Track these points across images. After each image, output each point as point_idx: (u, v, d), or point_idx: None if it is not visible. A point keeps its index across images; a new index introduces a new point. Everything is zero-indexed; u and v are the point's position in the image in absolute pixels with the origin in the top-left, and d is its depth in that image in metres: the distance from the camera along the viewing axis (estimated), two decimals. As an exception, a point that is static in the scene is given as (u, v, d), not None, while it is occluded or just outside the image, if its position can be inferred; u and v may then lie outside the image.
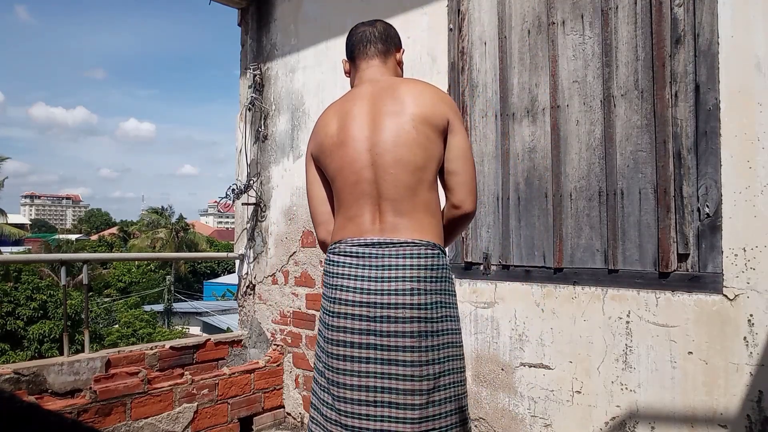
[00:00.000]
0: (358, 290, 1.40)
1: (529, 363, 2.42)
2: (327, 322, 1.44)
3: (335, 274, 1.45)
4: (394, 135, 1.44)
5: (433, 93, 1.51)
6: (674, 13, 2.09)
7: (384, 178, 1.43)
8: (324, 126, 1.57)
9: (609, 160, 2.25)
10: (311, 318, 3.35)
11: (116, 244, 37.23)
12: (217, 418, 3.17)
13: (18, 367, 2.59)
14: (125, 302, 23.26)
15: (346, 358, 1.39)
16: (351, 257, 1.43)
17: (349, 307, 1.40)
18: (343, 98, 1.61)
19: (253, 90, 3.69)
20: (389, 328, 1.36)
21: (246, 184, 3.69)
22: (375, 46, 1.64)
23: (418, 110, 1.45)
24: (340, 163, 1.49)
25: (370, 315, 1.37)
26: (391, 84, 1.54)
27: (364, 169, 1.45)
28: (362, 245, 1.43)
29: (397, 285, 1.38)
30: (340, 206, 1.51)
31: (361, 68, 1.65)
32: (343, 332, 1.40)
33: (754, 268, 1.90)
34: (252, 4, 3.79)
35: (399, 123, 1.45)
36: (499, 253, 2.56)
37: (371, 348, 1.37)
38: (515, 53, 2.54)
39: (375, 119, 1.47)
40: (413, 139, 1.43)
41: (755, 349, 1.89)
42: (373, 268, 1.40)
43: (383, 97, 1.50)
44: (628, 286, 2.18)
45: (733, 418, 1.93)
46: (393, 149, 1.43)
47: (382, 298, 1.37)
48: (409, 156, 1.43)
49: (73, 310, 14.10)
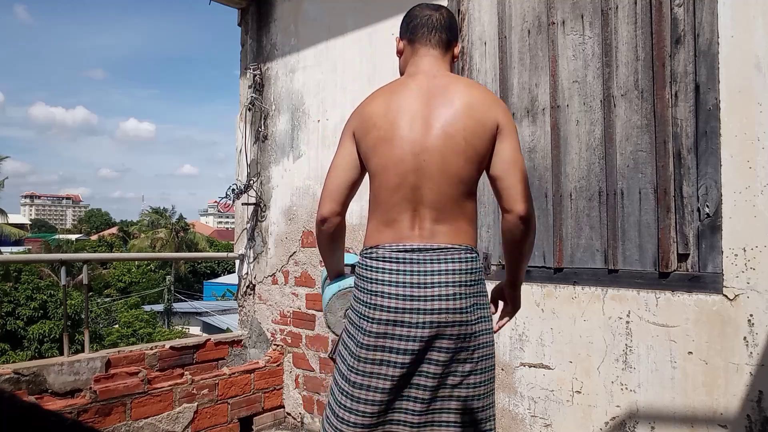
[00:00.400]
0: (400, 297, 1.39)
1: (529, 363, 2.42)
2: (364, 327, 1.42)
3: (374, 280, 1.43)
4: (443, 144, 1.41)
5: (485, 98, 1.48)
6: (674, 13, 2.09)
7: (428, 187, 1.42)
8: (372, 113, 1.50)
9: (609, 160, 2.25)
10: (311, 318, 3.35)
11: (116, 244, 37.24)
12: (217, 418, 3.17)
13: (18, 367, 2.59)
14: (125, 302, 23.26)
15: (383, 362, 1.38)
16: (392, 263, 1.41)
17: (391, 313, 1.39)
18: (396, 85, 1.54)
19: (253, 90, 3.69)
20: (431, 333, 1.37)
21: (246, 184, 3.69)
22: (439, 35, 1.57)
23: (470, 121, 1.42)
24: (384, 161, 1.45)
25: (412, 321, 1.38)
26: (446, 84, 1.48)
27: (409, 173, 1.42)
28: (403, 251, 1.42)
29: (441, 290, 1.39)
30: (377, 208, 1.48)
31: (420, 54, 1.57)
32: (383, 338, 1.39)
33: (754, 268, 1.90)
34: (252, 4, 3.79)
35: (449, 132, 1.41)
36: (499, 253, 2.56)
37: (408, 354, 1.38)
38: (515, 53, 2.54)
39: (426, 121, 1.43)
40: (462, 151, 1.41)
41: (755, 349, 1.89)
42: (414, 274, 1.40)
43: (437, 98, 1.45)
44: (628, 286, 2.18)
45: (733, 418, 1.93)
46: (440, 160, 1.41)
47: (425, 304, 1.38)
48: (455, 168, 1.42)
49: (73, 310, 14.09)
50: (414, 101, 1.46)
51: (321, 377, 3.28)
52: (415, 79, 1.52)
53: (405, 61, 1.62)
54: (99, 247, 36.05)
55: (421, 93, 1.47)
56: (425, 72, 1.53)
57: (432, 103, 1.45)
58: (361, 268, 1.48)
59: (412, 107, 1.45)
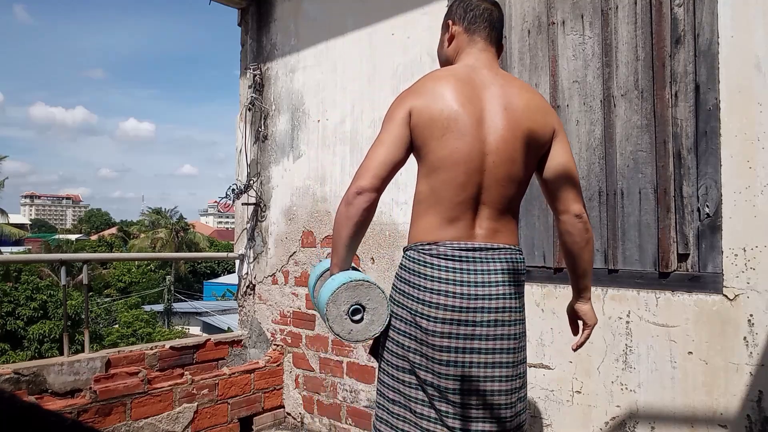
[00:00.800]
0: (465, 296, 1.38)
1: (529, 363, 2.42)
2: (426, 327, 1.40)
3: (435, 278, 1.40)
4: (510, 148, 1.42)
5: (543, 102, 1.51)
6: (674, 13, 2.09)
7: (494, 188, 1.42)
8: (443, 98, 1.42)
9: (609, 160, 2.25)
10: (311, 318, 3.35)
11: (116, 244, 37.23)
12: (217, 418, 3.17)
13: (18, 367, 2.59)
14: (125, 302, 23.26)
15: (450, 363, 1.38)
16: (454, 261, 1.40)
17: (456, 312, 1.38)
18: (462, 74, 1.47)
19: (253, 90, 3.69)
20: (495, 332, 1.39)
21: (246, 184, 3.69)
22: (496, 31, 1.57)
23: (531, 127, 1.44)
24: (450, 154, 1.40)
25: (477, 320, 1.38)
26: (508, 84, 1.48)
27: (475, 173, 1.41)
28: (465, 249, 1.41)
29: (505, 289, 1.41)
30: (437, 203, 1.43)
31: (480, 48, 1.54)
32: (448, 338, 1.38)
33: (754, 268, 1.90)
34: (252, 4, 3.79)
35: (514, 136, 1.42)
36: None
37: (474, 353, 1.38)
38: (515, 53, 2.54)
39: (495, 122, 1.42)
40: (522, 156, 1.44)
41: (755, 349, 1.89)
42: (478, 272, 1.40)
43: (501, 99, 1.44)
44: (628, 286, 2.18)
45: (733, 418, 1.93)
46: (506, 163, 1.42)
47: (490, 303, 1.39)
48: (517, 173, 1.45)
49: (73, 310, 14.10)
50: (482, 97, 1.44)
51: (321, 377, 3.28)
52: (479, 73, 1.48)
53: (457, 49, 1.57)
54: (99, 247, 36.05)
55: (489, 89, 1.45)
56: (488, 68, 1.51)
57: (500, 103, 1.44)
58: (417, 264, 1.43)
59: (481, 103, 1.43)
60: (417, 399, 1.42)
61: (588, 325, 1.61)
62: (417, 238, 1.46)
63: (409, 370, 1.43)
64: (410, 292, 1.43)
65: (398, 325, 1.46)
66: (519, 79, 1.60)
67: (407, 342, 1.43)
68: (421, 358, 1.41)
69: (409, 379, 1.43)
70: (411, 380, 1.43)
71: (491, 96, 1.44)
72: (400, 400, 1.44)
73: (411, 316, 1.43)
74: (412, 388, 1.42)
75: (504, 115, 1.42)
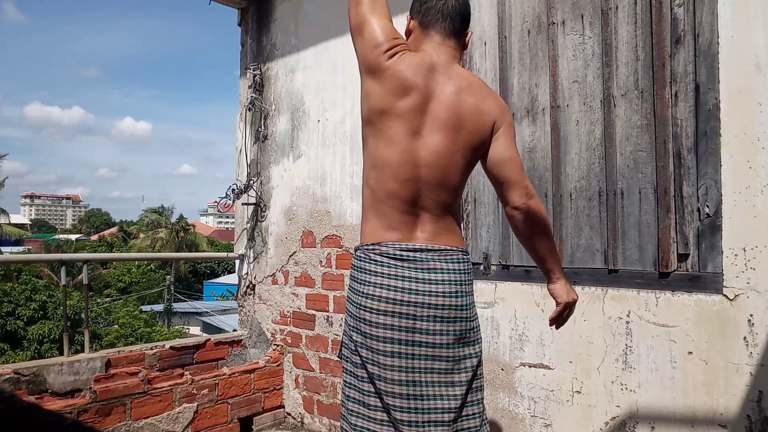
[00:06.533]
0: (406, 290, 1.44)
1: (529, 363, 2.42)
2: (370, 319, 1.45)
3: (379, 273, 1.47)
4: (444, 163, 1.47)
5: (486, 107, 1.51)
6: (674, 13, 2.09)
7: (427, 194, 1.48)
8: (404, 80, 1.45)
9: (609, 160, 2.25)
10: (311, 318, 3.35)
11: (116, 244, 37.21)
12: (217, 418, 3.17)
13: (18, 367, 2.59)
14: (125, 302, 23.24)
15: (393, 354, 1.43)
16: (396, 260, 1.46)
17: (397, 305, 1.43)
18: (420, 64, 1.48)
19: (253, 90, 3.69)
20: (435, 327, 1.44)
21: (246, 184, 3.69)
22: (455, 23, 1.55)
23: (469, 140, 1.49)
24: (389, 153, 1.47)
25: (417, 314, 1.43)
26: (456, 91, 1.48)
27: (410, 182, 1.46)
28: (408, 250, 1.47)
29: (444, 288, 1.46)
30: (375, 204, 1.51)
31: (434, 41, 1.54)
32: (390, 329, 1.43)
33: (754, 268, 1.90)
34: (252, 4, 3.79)
35: (449, 152, 1.47)
36: (499, 253, 2.56)
37: (416, 345, 1.43)
38: (515, 53, 2.54)
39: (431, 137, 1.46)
40: (457, 164, 1.49)
41: (755, 349, 1.89)
42: (420, 270, 1.46)
43: (444, 110, 1.47)
44: (628, 286, 2.18)
45: (733, 418, 1.93)
46: (441, 173, 1.47)
47: (430, 299, 1.44)
48: (452, 179, 1.50)
49: (72, 311, 14.09)
50: (426, 110, 1.47)
51: (321, 377, 3.28)
52: (429, 79, 1.49)
53: (414, 44, 1.57)
54: (99, 247, 36.02)
55: (433, 103, 1.47)
56: (442, 67, 1.50)
57: (440, 118, 1.47)
58: (362, 262, 1.51)
59: (423, 118, 1.47)
60: (370, 392, 1.46)
61: (559, 302, 1.61)
62: (364, 239, 1.54)
63: (360, 364, 1.48)
64: (357, 288, 1.50)
65: (349, 321, 1.53)
66: (472, 74, 1.58)
67: (355, 336, 1.49)
68: (367, 351, 1.46)
69: (361, 374, 1.48)
70: (363, 374, 1.48)
71: (435, 106, 1.47)
72: (355, 396, 1.49)
73: (357, 310, 1.49)
74: (365, 382, 1.47)
75: (444, 131, 1.46)
